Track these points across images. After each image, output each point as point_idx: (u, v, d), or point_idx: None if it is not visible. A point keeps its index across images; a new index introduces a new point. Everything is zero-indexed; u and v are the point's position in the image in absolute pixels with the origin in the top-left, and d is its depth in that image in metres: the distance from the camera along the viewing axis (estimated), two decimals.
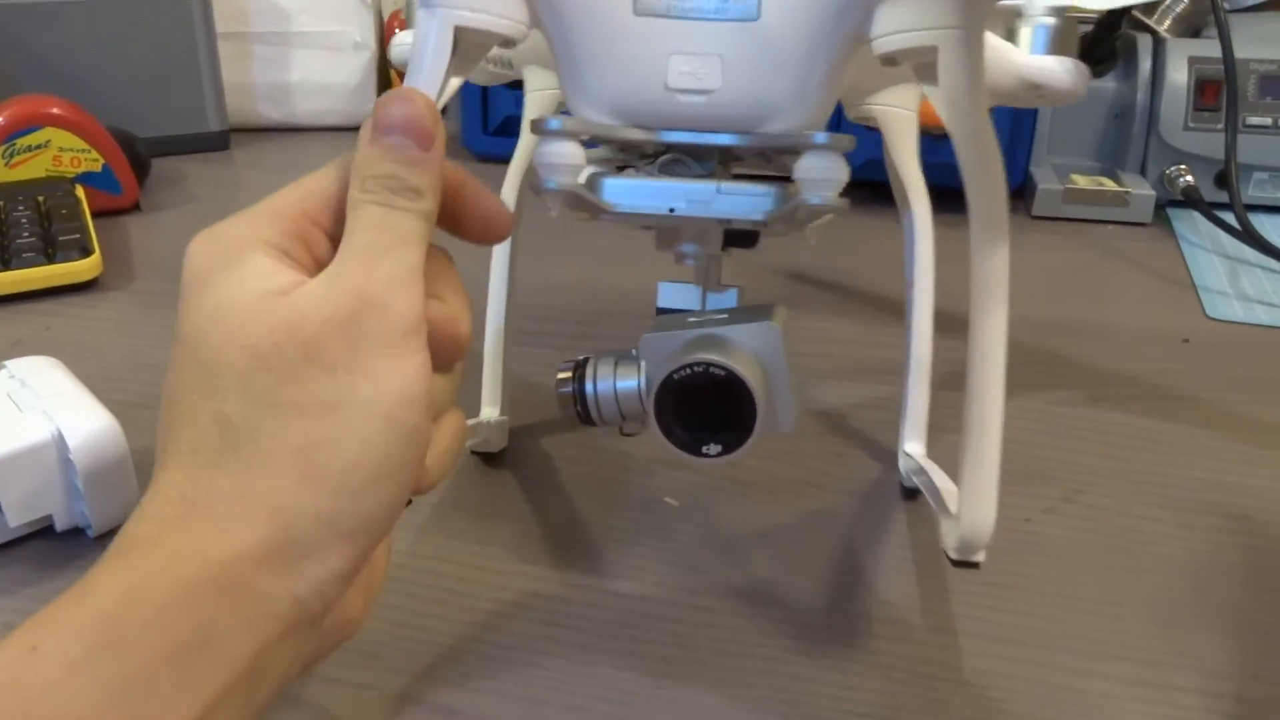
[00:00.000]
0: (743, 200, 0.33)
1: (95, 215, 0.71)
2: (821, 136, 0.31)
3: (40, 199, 0.70)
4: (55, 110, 0.74)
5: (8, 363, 0.45)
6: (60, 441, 0.40)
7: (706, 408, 0.33)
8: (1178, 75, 0.78)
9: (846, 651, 0.37)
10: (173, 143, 0.89)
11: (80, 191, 0.72)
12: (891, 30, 0.29)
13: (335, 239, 0.27)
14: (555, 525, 0.43)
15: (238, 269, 0.26)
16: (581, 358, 0.36)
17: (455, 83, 0.32)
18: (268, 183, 0.88)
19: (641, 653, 0.37)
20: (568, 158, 0.32)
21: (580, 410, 0.36)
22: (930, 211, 0.43)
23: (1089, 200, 0.77)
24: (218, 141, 0.92)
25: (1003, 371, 0.33)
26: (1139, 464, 0.48)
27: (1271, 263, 0.69)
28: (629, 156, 0.35)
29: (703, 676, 0.36)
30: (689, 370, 0.33)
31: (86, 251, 0.65)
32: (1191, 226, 0.77)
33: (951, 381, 0.39)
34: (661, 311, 0.38)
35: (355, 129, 0.93)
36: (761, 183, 0.33)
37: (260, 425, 0.24)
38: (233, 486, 0.24)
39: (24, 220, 0.67)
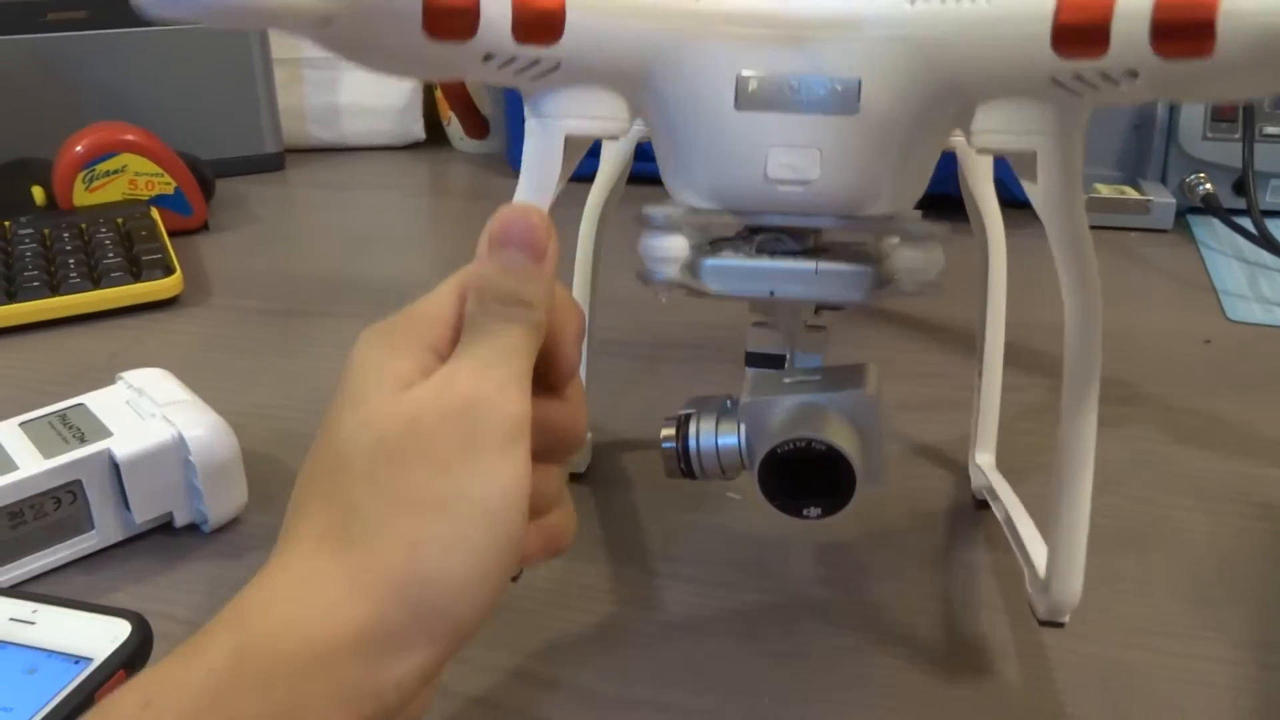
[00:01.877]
0: (840, 282, 0.34)
1: (169, 235, 0.75)
2: (918, 227, 0.33)
3: (119, 221, 0.74)
4: (130, 137, 0.78)
5: (124, 374, 0.49)
6: (181, 443, 0.45)
7: (808, 478, 0.36)
8: None
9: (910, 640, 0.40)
10: (232, 164, 0.93)
11: (155, 213, 0.76)
12: (991, 129, 0.31)
13: (456, 340, 0.29)
14: (640, 534, 0.47)
15: (380, 365, 0.28)
16: (684, 413, 0.39)
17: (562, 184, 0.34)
18: (322, 200, 0.93)
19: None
20: (673, 251, 0.34)
21: (684, 466, 0.39)
22: (1003, 233, 0.45)
23: (1112, 209, 0.81)
24: (274, 163, 0.97)
25: (1093, 440, 0.34)
26: (1167, 458, 0.51)
27: None
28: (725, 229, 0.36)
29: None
30: (791, 446, 0.35)
31: (169, 270, 0.69)
32: (1211, 233, 0.80)
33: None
34: (751, 357, 0.41)
35: (401, 148, 0.99)
36: (856, 261, 0.35)
37: (379, 516, 0.26)
38: (344, 572, 0.26)
39: (107, 241, 0.71)
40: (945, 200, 0.48)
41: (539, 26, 0.30)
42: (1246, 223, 0.75)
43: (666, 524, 0.47)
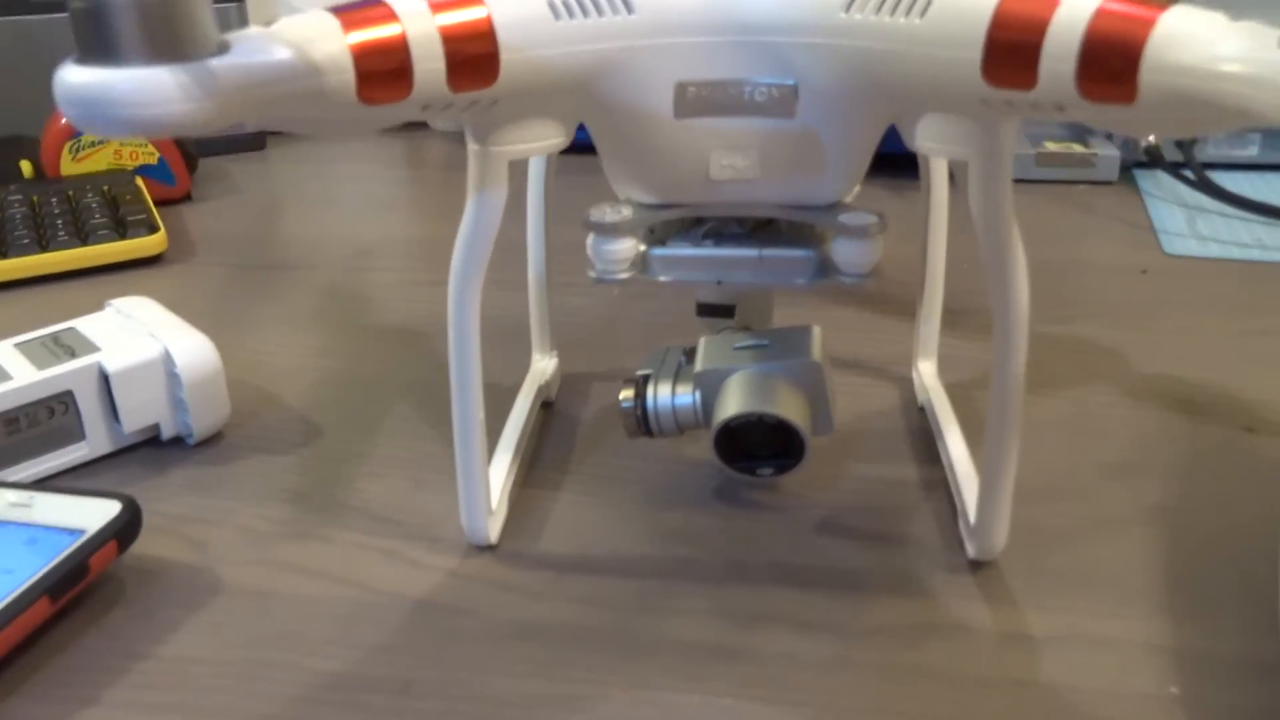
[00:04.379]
0: (784, 268, 0.37)
1: (154, 204, 0.78)
2: (855, 219, 0.35)
3: (106, 188, 0.77)
4: None
5: (112, 301, 0.52)
6: (167, 358, 0.47)
7: (760, 443, 0.39)
8: None
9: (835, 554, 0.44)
10: (215, 144, 0.96)
11: (140, 181, 0.79)
12: (926, 137, 0.32)
13: None
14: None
15: None
16: (641, 374, 0.42)
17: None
18: (302, 174, 0.96)
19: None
20: (623, 253, 0.36)
21: (643, 426, 0.41)
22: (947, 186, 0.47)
23: (1059, 163, 0.84)
24: (254, 142, 1.00)
25: (1021, 387, 0.36)
26: (1099, 366, 0.55)
27: (1226, 208, 0.76)
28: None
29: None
30: (744, 419, 0.38)
31: (153, 229, 0.72)
32: (1155, 184, 0.83)
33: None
34: (702, 307, 0.43)
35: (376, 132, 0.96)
36: (801, 245, 0.37)
37: None
38: None
39: (94, 205, 0.74)
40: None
41: (474, 74, 0.30)
42: (1188, 174, 0.78)
43: (622, 447, 0.50)
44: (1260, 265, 0.67)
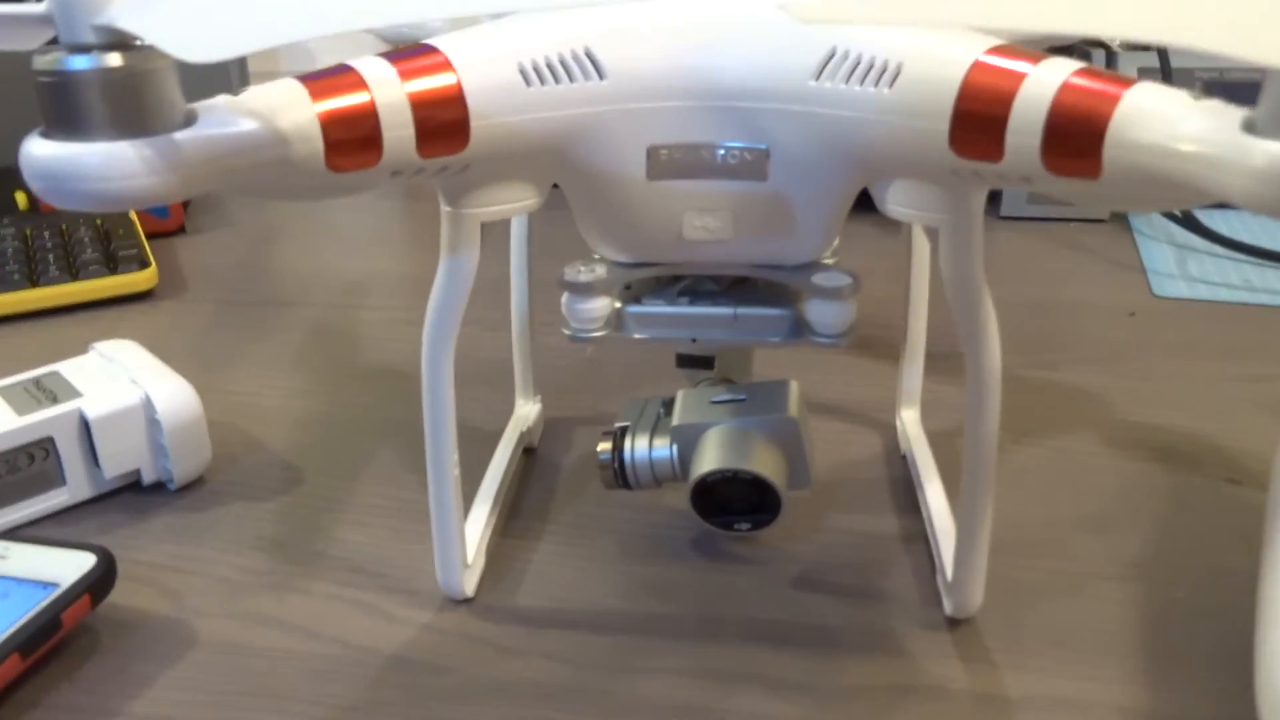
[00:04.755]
0: (759, 326, 0.37)
1: (147, 238, 0.78)
2: (829, 279, 0.35)
3: (99, 221, 0.77)
4: None
5: (95, 344, 0.52)
6: (148, 404, 0.47)
7: (737, 499, 0.39)
8: None
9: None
10: None
11: (133, 214, 0.80)
12: (896, 202, 0.32)
13: None
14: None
15: None
16: (619, 426, 0.42)
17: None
18: (295, 207, 0.95)
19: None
20: (598, 312, 0.36)
21: (620, 478, 0.41)
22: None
23: (1049, 201, 0.84)
24: None
25: (994, 446, 0.35)
26: (1082, 412, 0.54)
27: (1216, 248, 0.76)
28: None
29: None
30: (720, 475, 0.38)
31: (144, 264, 0.72)
32: (1146, 222, 0.83)
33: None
34: (681, 358, 0.43)
35: None
36: (775, 304, 0.36)
37: None
38: None
39: (86, 239, 0.74)
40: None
41: (444, 140, 0.30)
42: (1178, 214, 0.78)
43: (602, 496, 0.49)
44: (1249, 309, 0.67)
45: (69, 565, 0.39)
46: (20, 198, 0.83)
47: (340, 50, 0.32)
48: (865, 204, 0.36)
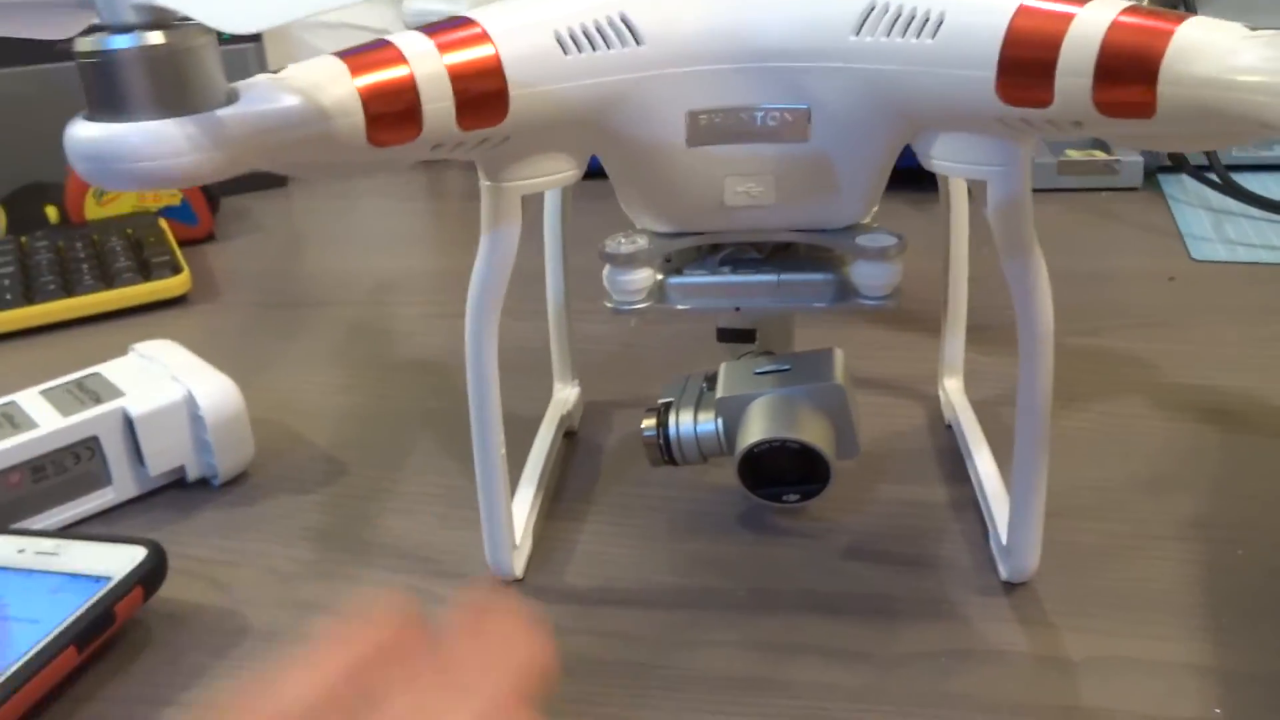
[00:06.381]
0: (803, 291, 0.36)
1: (178, 244, 0.78)
2: (874, 240, 0.34)
3: (129, 230, 0.78)
4: None
5: (135, 346, 0.52)
6: (191, 401, 0.48)
7: (785, 470, 0.38)
8: None
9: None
10: (237, 182, 0.96)
11: (164, 223, 0.80)
12: (942, 157, 0.32)
13: None
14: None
15: None
16: (663, 402, 0.41)
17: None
18: (324, 209, 0.96)
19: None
20: (640, 283, 0.36)
21: (666, 454, 0.41)
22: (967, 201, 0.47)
23: (1082, 171, 0.83)
24: (276, 179, 1.00)
25: (1048, 407, 0.35)
26: (1128, 377, 0.54)
27: (1253, 211, 0.75)
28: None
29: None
30: (767, 445, 0.37)
31: (177, 270, 0.72)
32: (1180, 188, 0.82)
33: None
34: (722, 332, 0.42)
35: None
36: (819, 269, 0.36)
37: None
38: None
39: (118, 248, 0.74)
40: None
41: (483, 111, 0.30)
42: (1213, 178, 0.77)
43: (646, 475, 0.49)
44: None
45: (120, 559, 0.39)
46: (51, 211, 0.83)
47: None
48: (896, 182, 0.35)
